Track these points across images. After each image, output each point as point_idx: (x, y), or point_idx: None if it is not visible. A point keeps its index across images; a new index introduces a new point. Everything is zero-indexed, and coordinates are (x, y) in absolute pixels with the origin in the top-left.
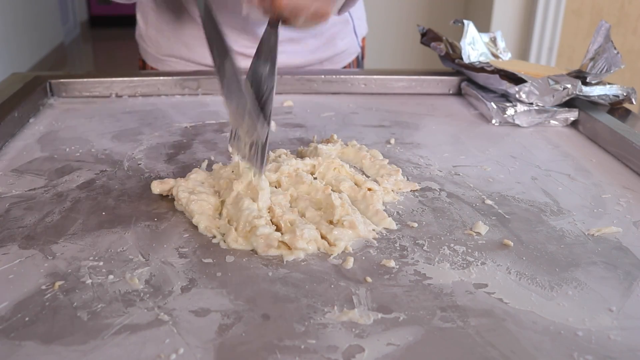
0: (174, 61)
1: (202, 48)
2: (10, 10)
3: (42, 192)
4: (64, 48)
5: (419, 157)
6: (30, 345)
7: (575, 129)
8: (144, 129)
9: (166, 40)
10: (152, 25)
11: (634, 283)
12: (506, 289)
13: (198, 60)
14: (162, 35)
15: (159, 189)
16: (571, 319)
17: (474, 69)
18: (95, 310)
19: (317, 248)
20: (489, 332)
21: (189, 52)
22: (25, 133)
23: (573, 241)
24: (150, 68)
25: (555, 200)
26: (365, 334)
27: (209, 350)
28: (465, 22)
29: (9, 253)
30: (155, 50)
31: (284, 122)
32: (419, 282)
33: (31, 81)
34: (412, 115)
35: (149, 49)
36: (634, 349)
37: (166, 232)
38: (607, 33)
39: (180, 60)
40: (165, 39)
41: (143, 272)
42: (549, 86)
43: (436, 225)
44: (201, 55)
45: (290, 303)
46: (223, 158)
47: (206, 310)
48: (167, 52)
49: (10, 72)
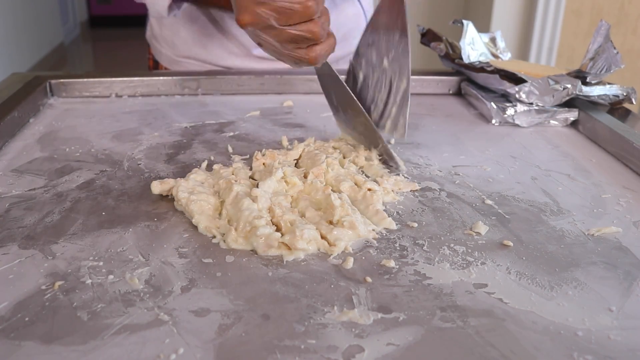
0: (190, 63)
1: (219, 49)
2: (10, 10)
3: (42, 192)
4: (64, 48)
5: (418, 157)
6: (30, 345)
7: (575, 129)
8: (143, 129)
9: (182, 41)
10: (167, 27)
11: (633, 283)
12: (506, 289)
13: (215, 61)
14: (178, 37)
15: (159, 189)
16: (571, 318)
17: (474, 69)
18: (95, 310)
19: (317, 248)
20: (489, 332)
21: (206, 53)
22: (25, 133)
23: (573, 241)
24: (164, 69)
25: (555, 200)
26: (365, 334)
27: (209, 350)
28: (465, 22)
29: (9, 253)
30: (170, 51)
31: (284, 122)
32: (419, 282)
33: (31, 81)
34: (411, 115)
35: (164, 50)
36: (634, 349)
37: (166, 232)
38: (607, 33)
39: (197, 62)
40: (181, 41)
41: (143, 272)
42: (549, 86)
43: (436, 225)
44: (218, 56)
45: (290, 303)
46: (223, 158)
47: (206, 310)
48: (183, 53)
49: (10, 72)
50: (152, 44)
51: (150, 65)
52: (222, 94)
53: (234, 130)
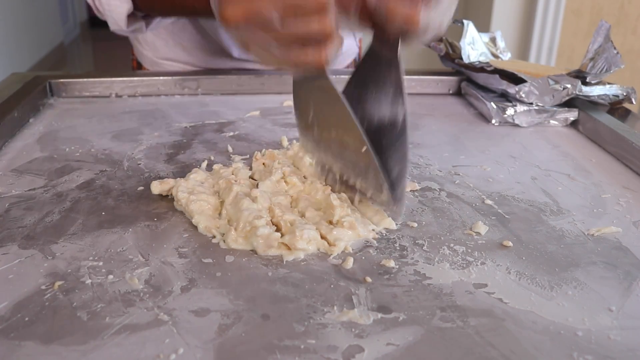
0: (171, 64)
1: (200, 51)
2: (10, 10)
3: (42, 192)
4: (63, 48)
5: (418, 157)
6: (30, 345)
7: (575, 129)
8: (143, 129)
9: (163, 43)
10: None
11: (633, 283)
12: (506, 288)
13: (196, 63)
14: (159, 39)
15: (159, 189)
16: (571, 318)
17: (474, 69)
18: (95, 310)
19: (317, 248)
20: (489, 332)
21: (187, 55)
22: (25, 133)
23: (573, 241)
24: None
25: (555, 200)
26: (365, 334)
27: (209, 350)
28: (465, 22)
29: (9, 253)
30: (152, 53)
31: (284, 122)
32: (419, 282)
33: (31, 81)
34: (411, 115)
35: (145, 52)
36: (633, 349)
37: (166, 232)
38: (606, 33)
39: (178, 64)
40: (162, 42)
41: (143, 272)
42: (548, 86)
43: (436, 225)
44: (199, 58)
45: (290, 303)
46: (223, 158)
47: (206, 310)
48: (164, 55)
49: (10, 72)
50: (134, 45)
51: (134, 66)
52: (222, 94)
53: (234, 130)
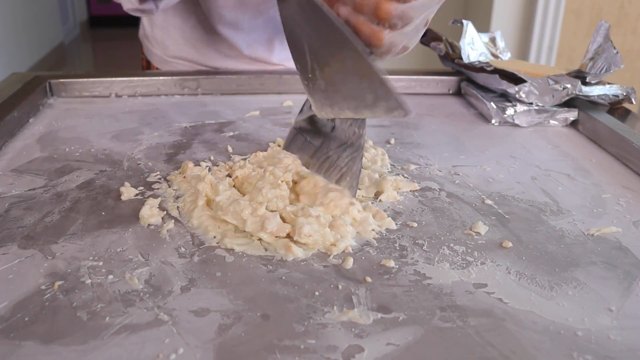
0: (180, 63)
1: (209, 50)
2: (10, 10)
3: (42, 192)
4: (63, 48)
5: (418, 156)
6: (30, 345)
7: (575, 129)
8: (143, 129)
9: (173, 42)
10: (158, 27)
11: (633, 283)
12: (506, 288)
13: (206, 62)
14: (168, 37)
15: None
16: (571, 318)
17: (474, 69)
18: (95, 310)
19: (317, 249)
20: (489, 332)
21: (197, 54)
22: (25, 133)
23: (573, 241)
24: (155, 69)
25: (555, 200)
26: (364, 334)
27: (209, 350)
28: (464, 22)
29: (9, 253)
30: (161, 51)
31: (284, 122)
32: (419, 282)
33: (31, 81)
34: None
35: (155, 50)
36: (633, 348)
37: (166, 232)
38: (606, 33)
39: (187, 62)
40: (172, 41)
41: (143, 272)
42: (548, 86)
43: (436, 225)
44: (209, 57)
45: (290, 303)
46: (223, 158)
47: (206, 310)
48: (174, 53)
49: (10, 72)
50: (144, 43)
51: (144, 65)
52: (222, 94)
53: (234, 130)
